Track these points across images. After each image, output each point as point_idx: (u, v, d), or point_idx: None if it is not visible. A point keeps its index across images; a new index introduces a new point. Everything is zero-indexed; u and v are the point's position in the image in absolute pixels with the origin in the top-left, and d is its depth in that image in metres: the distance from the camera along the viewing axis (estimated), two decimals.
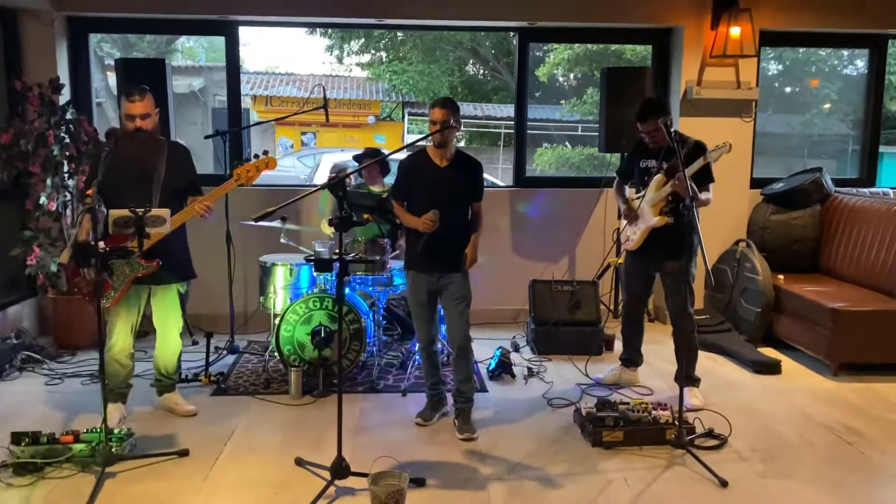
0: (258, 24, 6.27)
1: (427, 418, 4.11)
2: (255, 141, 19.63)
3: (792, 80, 15.77)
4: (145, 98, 3.81)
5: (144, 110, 3.80)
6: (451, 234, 3.91)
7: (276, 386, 4.64)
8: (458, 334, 3.99)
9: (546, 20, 5.97)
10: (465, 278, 3.99)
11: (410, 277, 4.03)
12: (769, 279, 5.55)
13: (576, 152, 13.79)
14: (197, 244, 5.66)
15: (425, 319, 4.05)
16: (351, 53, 19.49)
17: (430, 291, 3.99)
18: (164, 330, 4.09)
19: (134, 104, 3.78)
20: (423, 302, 4.01)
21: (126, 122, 3.82)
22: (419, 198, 3.89)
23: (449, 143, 3.86)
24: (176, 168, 3.92)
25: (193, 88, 18.39)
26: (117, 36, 16.53)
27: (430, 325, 4.07)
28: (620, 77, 5.77)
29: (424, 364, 4.16)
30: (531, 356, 5.33)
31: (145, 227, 3.40)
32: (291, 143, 18.70)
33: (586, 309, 5.45)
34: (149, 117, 3.83)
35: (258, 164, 3.89)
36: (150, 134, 3.85)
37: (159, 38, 17.71)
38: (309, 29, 18.35)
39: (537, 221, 6.26)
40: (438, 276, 3.94)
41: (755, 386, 4.82)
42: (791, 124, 15.67)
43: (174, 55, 21.16)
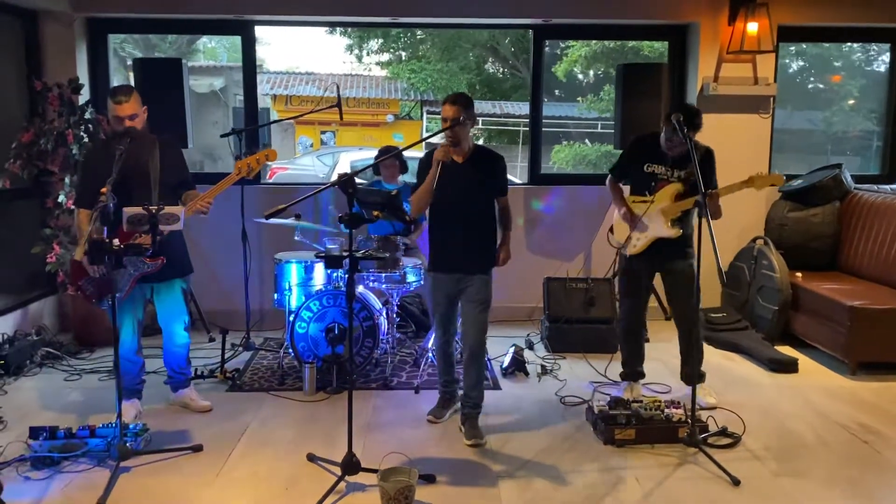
0: (273, 24, 6.32)
1: (439, 415, 4.10)
2: (276, 139, 19.79)
3: (815, 76, 15.60)
4: (132, 98, 3.82)
5: (132, 111, 3.81)
6: (472, 234, 3.83)
7: (291, 382, 4.67)
8: (473, 338, 3.89)
9: (561, 17, 5.95)
10: (487, 281, 3.88)
11: (431, 279, 3.98)
12: (786, 277, 5.50)
13: (593, 149, 13.73)
14: (213, 241, 5.78)
15: (444, 320, 3.99)
16: (370, 52, 19.57)
17: (449, 294, 3.92)
18: (171, 326, 4.13)
19: (121, 105, 3.79)
20: (443, 303, 3.95)
21: (115, 123, 3.85)
22: (437, 194, 3.79)
23: (463, 140, 3.77)
24: (169, 164, 3.96)
25: (214, 88, 18.55)
26: (139, 37, 16.76)
27: (448, 326, 4.01)
28: (636, 73, 5.73)
29: (439, 361, 4.14)
30: (545, 354, 5.33)
31: (159, 225, 3.43)
32: (311, 142, 18.81)
33: (601, 306, 5.43)
34: (136, 117, 3.83)
35: (258, 157, 3.91)
36: (141, 133, 3.87)
37: (181, 38, 17.92)
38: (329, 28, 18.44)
39: (552, 219, 6.24)
40: (459, 277, 3.86)
41: (771, 384, 4.78)
42: (813, 121, 15.50)
43: (196, 55, 21.38)
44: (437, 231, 3.91)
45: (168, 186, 3.96)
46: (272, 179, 14.49)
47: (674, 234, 4.15)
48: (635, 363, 4.52)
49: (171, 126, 5.32)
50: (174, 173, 4.00)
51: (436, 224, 3.92)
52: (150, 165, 3.89)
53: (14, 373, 4.75)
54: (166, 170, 3.94)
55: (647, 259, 4.29)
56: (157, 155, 3.93)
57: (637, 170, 4.27)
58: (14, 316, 5.26)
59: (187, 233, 6.03)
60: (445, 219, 3.86)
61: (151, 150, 3.92)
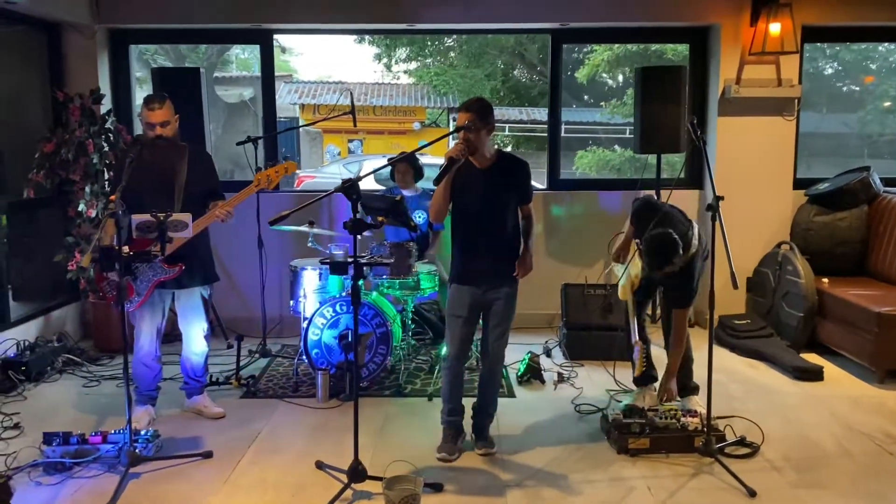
0: (292, 32, 6.36)
1: (451, 452, 3.71)
2: (304, 148, 19.96)
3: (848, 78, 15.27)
4: (164, 106, 3.89)
5: (164, 118, 3.87)
6: (496, 243, 3.64)
7: (305, 389, 4.67)
8: (494, 355, 3.75)
9: (579, 20, 5.90)
10: (513, 296, 3.69)
11: (454, 290, 3.70)
12: (812, 282, 5.36)
13: (616, 154, 13.54)
14: (230, 248, 5.82)
15: (460, 335, 3.68)
16: (399, 61, 19.64)
17: (472, 305, 3.65)
18: (189, 333, 4.16)
19: (153, 112, 3.86)
20: (464, 317, 3.65)
21: (146, 130, 3.91)
22: (458, 203, 3.62)
23: (479, 147, 3.54)
24: (197, 174, 3.99)
25: (244, 98, 18.76)
26: (170, 48, 16.99)
27: (463, 342, 3.70)
28: (655, 76, 5.64)
29: (446, 381, 3.77)
30: (563, 361, 5.26)
31: (167, 232, 3.45)
32: (338, 150, 18.93)
33: (619, 313, 5.31)
34: (168, 124, 3.90)
35: (277, 169, 3.93)
36: (171, 140, 3.93)
37: (211, 49, 18.13)
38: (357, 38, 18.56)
39: (571, 224, 6.18)
40: (485, 289, 3.66)
41: (795, 392, 4.65)
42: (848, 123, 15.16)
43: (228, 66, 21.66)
44: (459, 241, 3.70)
45: (194, 195, 3.99)
46: (300, 187, 14.65)
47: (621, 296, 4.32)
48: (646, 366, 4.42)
49: (189, 136, 5.36)
50: (201, 182, 4.04)
51: (458, 234, 3.71)
52: (176, 173, 3.92)
53: (35, 379, 4.82)
54: (193, 179, 3.98)
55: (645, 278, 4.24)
56: (184, 163, 3.97)
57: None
58: (36, 323, 5.34)
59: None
60: (467, 228, 3.66)
61: (179, 158, 3.96)
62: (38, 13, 5.35)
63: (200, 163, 4.06)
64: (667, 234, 3.72)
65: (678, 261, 3.77)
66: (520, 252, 3.74)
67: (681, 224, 3.91)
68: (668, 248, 3.71)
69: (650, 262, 3.79)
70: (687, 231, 3.88)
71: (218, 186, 4.14)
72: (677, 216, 3.99)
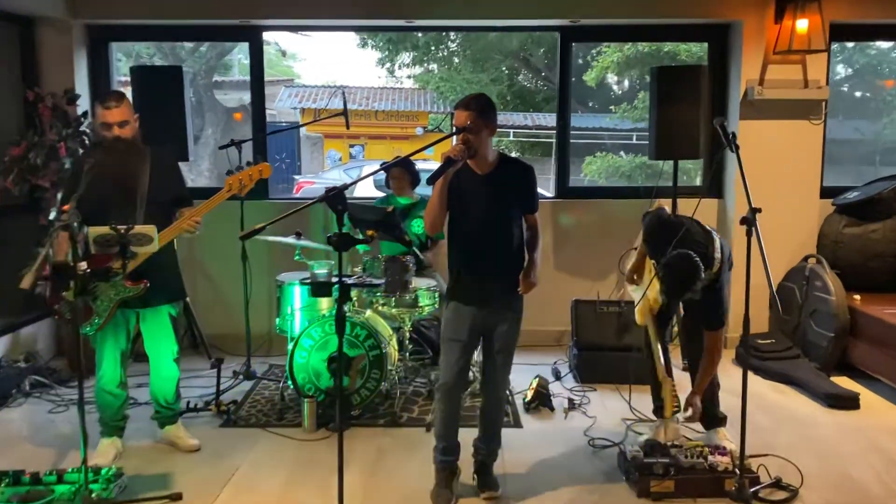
0: (282, 29, 5.98)
1: (447, 500, 3.26)
2: (305, 154, 19.62)
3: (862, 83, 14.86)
4: (122, 104, 3.48)
5: (122, 117, 3.47)
6: (500, 258, 3.21)
7: (291, 417, 4.26)
8: (496, 386, 3.33)
9: (590, 17, 5.50)
10: (517, 320, 3.28)
11: (452, 310, 3.25)
12: (843, 300, 4.94)
13: (627, 161, 13.07)
14: (215, 260, 5.42)
15: (457, 363, 3.22)
16: (402, 66, 19.30)
17: (472, 328, 3.22)
18: (157, 356, 3.75)
19: (110, 111, 3.45)
20: (462, 341, 3.21)
21: (103, 131, 3.50)
22: (456, 212, 3.20)
23: (480, 150, 3.11)
24: (161, 179, 3.58)
25: (243, 102, 18.45)
26: (168, 51, 16.66)
27: (461, 370, 3.26)
28: (672, 77, 5.24)
29: (440, 415, 3.30)
30: (573, 385, 4.84)
31: (130, 246, 3.05)
32: (340, 155, 18.57)
33: (635, 332, 4.90)
34: (127, 125, 3.49)
35: (251, 173, 3.51)
36: (131, 143, 3.52)
37: (210, 52, 17.80)
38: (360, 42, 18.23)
39: (581, 235, 5.76)
40: (487, 310, 3.23)
41: (830, 423, 4.23)
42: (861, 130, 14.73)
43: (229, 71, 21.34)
44: (457, 256, 3.27)
45: (159, 203, 3.58)
46: (299, 193, 14.27)
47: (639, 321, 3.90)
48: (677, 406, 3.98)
49: (170, 138, 5.00)
50: (167, 189, 3.63)
51: (455, 247, 3.28)
52: (137, 179, 3.52)
53: None
54: (157, 184, 3.57)
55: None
56: (146, 168, 3.57)
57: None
58: (3, 341, 4.94)
59: (191, 252, 5.81)
60: (466, 241, 3.23)
61: (141, 162, 3.56)
62: (7, 6, 4.98)
63: (164, 166, 3.65)
64: (686, 257, 3.30)
65: (701, 284, 3.36)
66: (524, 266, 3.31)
67: (700, 241, 3.48)
68: (689, 274, 3.29)
69: (669, 292, 3.39)
70: (707, 247, 3.46)
71: (186, 192, 3.74)
72: (695, 231, 3.55)
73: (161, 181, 3.59)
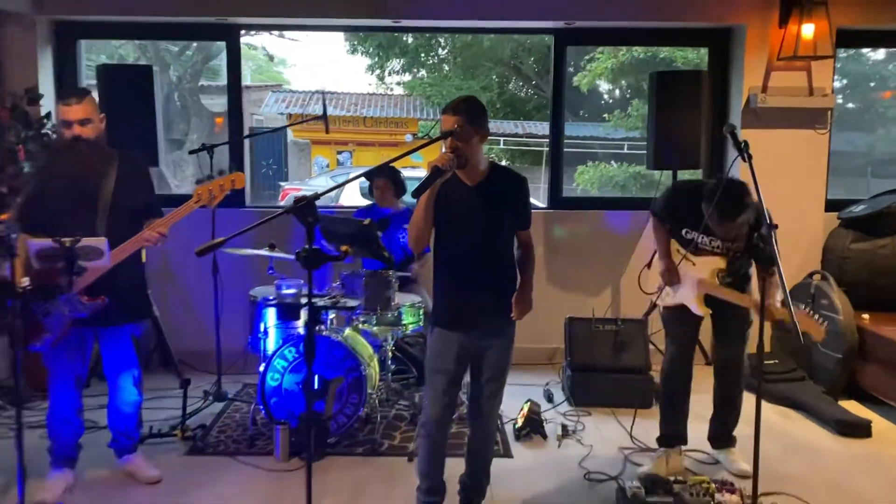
0: (261, 28, 5.68)
1: None
2: (292, 160, 19.30)
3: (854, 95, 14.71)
4: (84, 101, 3.17)
5: (83, 115, 3.15)
6: (491, 278, 2.91)
7: (263, 444, 3.93)
8: (486, 418, 3.04)
9: (585, 19, 5.23)
10: (508, 347, 3.00)
11: (437, 336, 2.96)
12: (851, 319, 4.67)
13: (621, 170, 12.76)
14: (187, 272, 5.08)
15: (443, 393, 2.91)
16: (392, 73, 19.05)
17: (460, 356, 2.92)
18: (117, 380, 3.43)
19: (70, 108, 3.14)
20: (449, 371, 2.90)
21: (62, 129, 3.19)
22: (443, 227, 2.89)
23: (471, 158, 2.81)
24: (129, 186, 3.27)
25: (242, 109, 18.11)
26: (152, 53, 16.33)
27: (448, 404, 2.95)
28: (672, 82, 4.99)
29: (423, 452, 3.00)
30: (567, 409, 4.54)
31: (77, 261, 2.74)
32: (327, 162, 18.26)
33: (633, 352, 4.64)
34: (89, 123, 3.17)
35: (221, 183, 3.20)
36: (94, 144, 3.21)
37: (196, 56, 17.47)
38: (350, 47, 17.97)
39: (575, 248, 5.48)
40: (476, 335, 2.93)
41: (841, 452, 3.95)
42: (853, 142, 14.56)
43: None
44: (443, 275, 2.96)
45: (124, 212, 3.26)
46: (284, 201, 13.93)
47: (702, 312, 3.50)
48: (677, 424, 3.72)
49: (139, 141, 4.70)
50: (134, 196, 3.31)
51: (442, 266, 2.97)
52: (100, 185, 3.21)
53: None
54: (123, 192, 3.26)
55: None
56: (112, 173, 3.25)
57: (675, 230, 3.59)
58: None
59: (165, 263, 5.49)
60: (453, 259, 2.93)
61: (106, 166, 3.24)
62: None
63: (133, 173, 3.33)
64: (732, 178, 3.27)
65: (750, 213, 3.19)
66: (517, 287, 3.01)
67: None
68: (738, 189, 3.20)
69: (723, 207, 3.18)
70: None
71: (155, 202, 3.42)
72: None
73: (128, 188, 3.28)
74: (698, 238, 3.46)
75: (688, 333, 3.65)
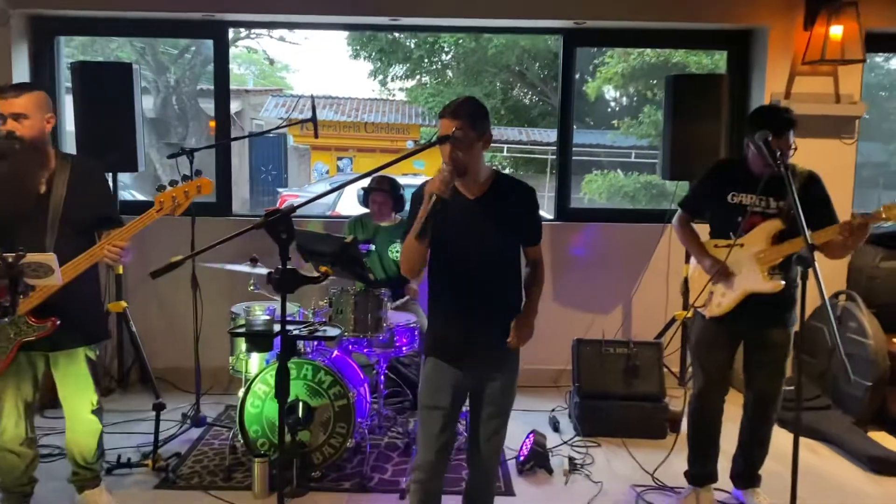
0: (251, 26, 5.38)
1: None
2: (292, 166, 18.99)
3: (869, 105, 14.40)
4: (24, 96, 2.80)
5: (20, 109, 2.76)
6: (493, 303, 2.58)
7: (242, 476, 3.59)
8: (486, 460, 2.69)
9: (596, 18, 4.90)
10: (512, 379, 2.65)
11: (430, 369, 2.62)
12: (883, 343, 4.32)
13: (630, 180, 12.31)
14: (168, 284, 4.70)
15: (437, 434, 2.55)
16: (395, 78, 18.78)
17: (456, 390, 2.59)
18: (73, 408, 3.08)
19: (5, 101, 2.76)
20: (444, 409, 2.56)
21: None
22: (439, 244, 2.52)
23: (471, 166, 2.48)
24: (82, 194, 2.93)
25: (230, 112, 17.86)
26: (150, 57, 16.07)
27: (441, 445, 2.57)
28: (690, 87, 4.67)
29: (414, 500, 2.61)
30: (574, 438, 4.19)
31: (22, 278, 2.40)
32: (327, 168, 17.95)
33: (646, 378, 4.28)
34: (25, 119, 2.78)
35: (186, 189, 2.85)
36: (35, 145, 2.83)
37: (195, 59, 17.20)
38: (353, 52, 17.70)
39: (584, 263, 5.13)
40: (475, 370, 2.60)
41: (877, 495, 3.60)
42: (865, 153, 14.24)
43: None
44: (438, 299, 2.64)
45: (76, 224, 2.93)
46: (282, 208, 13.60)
47: (772, 287, 3.05)
48: (707, 460, 3.38)
49: (118, 145, 4.42)
50: (88, 207, 2.96)
51: (437, 288, 2.65)
52: (49, 194, 2.87)
53: None
54: (76, 201, 2.92)
55: (732, 322, 3.17)
56: (63, 181, 2.91)
57: (718, 201, 3.19)
58: None
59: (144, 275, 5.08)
60: (450, 281, 2.60)
61: (56, 173, 2.90)
62: None
63: (87, 180, 2.98)
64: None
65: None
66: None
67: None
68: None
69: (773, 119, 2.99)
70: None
71: (114, 212, 3.08)
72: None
73: (81, 198, 2.94)
74: (747, 199, 3.10)
75: (722, 362, 3.27)
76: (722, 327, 3.20)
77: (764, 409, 3.26)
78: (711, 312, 3.18)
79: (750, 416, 3.32)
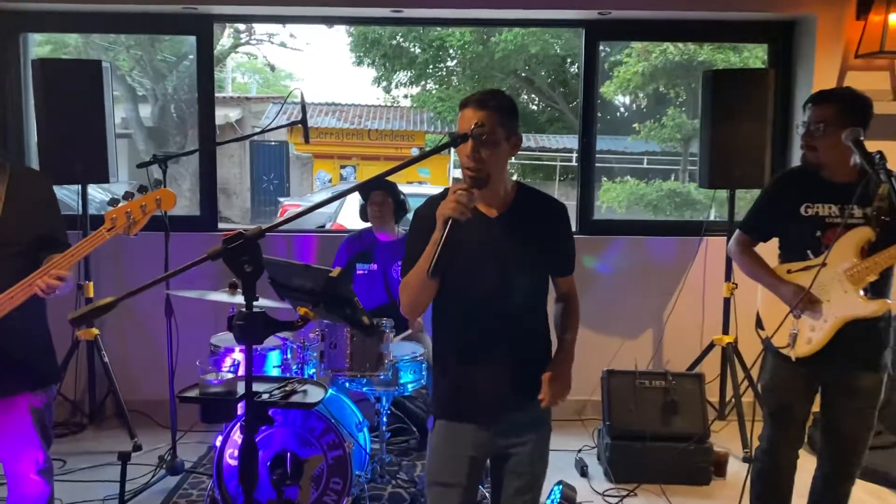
0: (237, 20, 4.89)
1: None
2: (294, 175, 18.54)
3: None
4: None
5: None
6: (517, 346, 2.10)
7: None
8: None
9: (623, 8, 4.38)
10: (544, 442, 2.22)
11: (440, 433, 2.15)
12: None
13: (653, 188, 11.60)
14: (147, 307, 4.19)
15: None
16: (399, 85, 18.35)
17: (475, 459, 2.12)
18: (14, 468, 2.55)
19: None
20: (458, 483, 2.09)
21: None
22: (449, 274, 2.00)
23: (495, 174, 2.01)
24: (20, 209, 2.41)
25: (230, 119, 17.53)
26: (146, 62, 15.66)
27: None
28: (732, 83, 4.15)
29: None
30: (606, 486, 3.65)
31: None
32: (329, 177, 17.50)
33: (687, 415, 3.74)
34: None
35: (143, 203, 2.32)
36: None
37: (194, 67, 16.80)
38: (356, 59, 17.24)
39: (610, 281, 4.59)
40: (496, 432, 2.12)
41: None
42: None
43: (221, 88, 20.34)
44: (448, 342, 2.15)
45: (14, 245, 2.41)
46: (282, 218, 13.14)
47: (875, 309, 2.49)
48: None
49: (86, 153, 3.92)
50: (27, 226, 2.44)
51: (445, 328, 2.16)
52: None
53: None
54: (13, 219, 2.40)
55: (812, 363, 2.60)
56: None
57: (789, 216, 2.63)
58: None
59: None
60: (464, 319, 2.10)
61: None
62: None
63: (28, 193, 2.47)
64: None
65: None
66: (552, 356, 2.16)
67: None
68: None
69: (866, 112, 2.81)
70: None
71: (60, 232, 2.56)
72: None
73: (19, 213, 2.42)
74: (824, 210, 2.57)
75: (798, 410, 2.72)
76: (802, 369, 2.63)
77: (846, 464, 2.71)
78: (800, 352, 2.59)
79: (826, 473, 2.77)
